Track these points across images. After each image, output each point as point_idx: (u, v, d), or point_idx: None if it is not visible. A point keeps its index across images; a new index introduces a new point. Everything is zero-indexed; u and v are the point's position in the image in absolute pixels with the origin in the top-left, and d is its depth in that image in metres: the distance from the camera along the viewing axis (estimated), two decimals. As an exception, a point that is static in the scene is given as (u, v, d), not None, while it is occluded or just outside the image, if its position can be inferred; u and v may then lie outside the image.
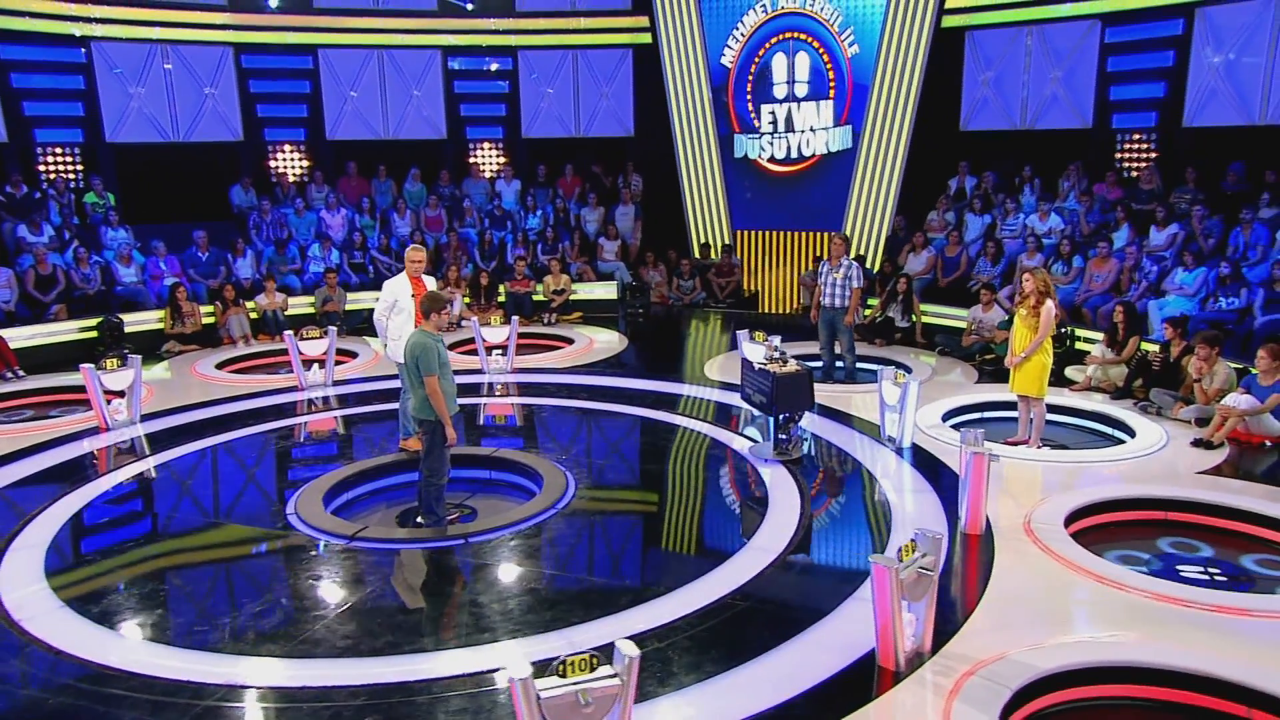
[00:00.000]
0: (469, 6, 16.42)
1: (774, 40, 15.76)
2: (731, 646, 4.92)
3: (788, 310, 16.58)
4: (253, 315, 13.13)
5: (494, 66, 16.81)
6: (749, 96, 16.14)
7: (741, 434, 8.68)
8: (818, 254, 15.83)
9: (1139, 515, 6.76)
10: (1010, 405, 9.28)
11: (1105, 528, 6.63)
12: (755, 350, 9.83)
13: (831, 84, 15.55)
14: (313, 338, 10.34)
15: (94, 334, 12.25)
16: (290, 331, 10.52)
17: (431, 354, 6.50)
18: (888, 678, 4.58)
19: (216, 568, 6.13)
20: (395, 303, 7.93)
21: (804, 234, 16.53)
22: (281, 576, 6.00)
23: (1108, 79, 13.52)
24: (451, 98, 16.92)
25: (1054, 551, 5.92)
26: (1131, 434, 8.44)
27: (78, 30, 14.37)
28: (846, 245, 10.70)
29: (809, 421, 8.58)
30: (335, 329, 10.64)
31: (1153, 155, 13.40)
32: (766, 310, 16.54)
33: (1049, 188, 13.96)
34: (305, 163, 16.69)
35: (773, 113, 16.05)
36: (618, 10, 16.81)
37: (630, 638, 4.96)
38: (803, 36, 15.60)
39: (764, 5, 15.70)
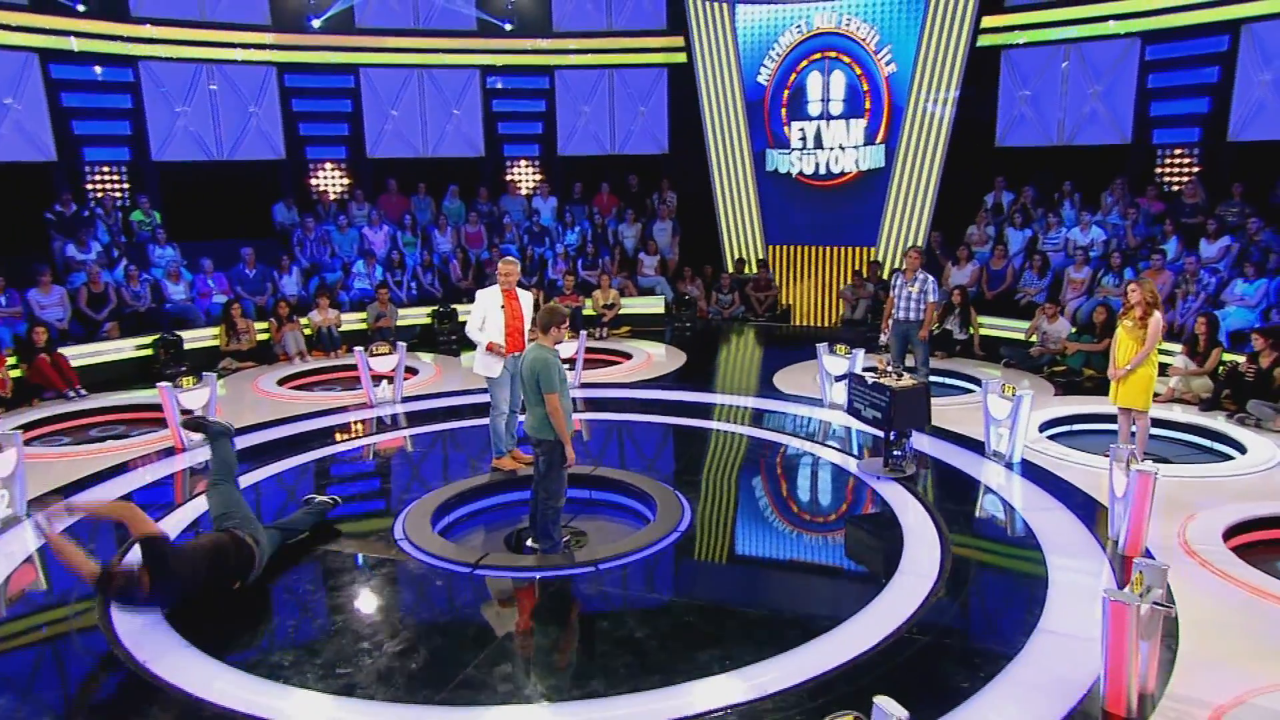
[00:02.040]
0: (508, 26, 15.83)
1: (811, 59, 15.26)
2: (933, 689, 4.31)
3: (823, 324, 16.05)
4: (306, 331, 12.43)
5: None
6: (784, 114, 15.63)
7: (826, 444, 8.11)
8: (856, 267, 15.37)
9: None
10: (1100, 418, 8.82)
11: (1256, 546, 6.06)
12: (837, 364, 9.29)
13: (868, 102, 15.07)
14: (382, 354, 9.67)
15: (149, 351, 11.51)
16: (361, 348, 9.83)
17: (553, 370, 5.88)
18: (1121, 724, 3.99)
19: (339, 600, 5.45)
20: (485, 317, 7.31)
21: (838, 249, 16.04)
22: (411, 609, 5.33)
23: (1148, 95, 13.10)
24: (490, 116, 16.33)
25: (1228, 574, 5.35)
26: (1234, 446, 7.92)
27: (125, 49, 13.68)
28: (922, 259, 10.17)
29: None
30: (404, 345, 9.95)
31: (1195, 170, 12.96)
32: (801, 324, 16.00)
33: (1088, 202, 13.50)
34: (346, 180, 16.03)
35: (802, 129, 15.57)
36: (653, 30, 16.27)
37: (819, 677, 4.40)
38: (838, 56, 15.11)
39: (800, 26, 15.21)
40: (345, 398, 10.25)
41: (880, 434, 7.36)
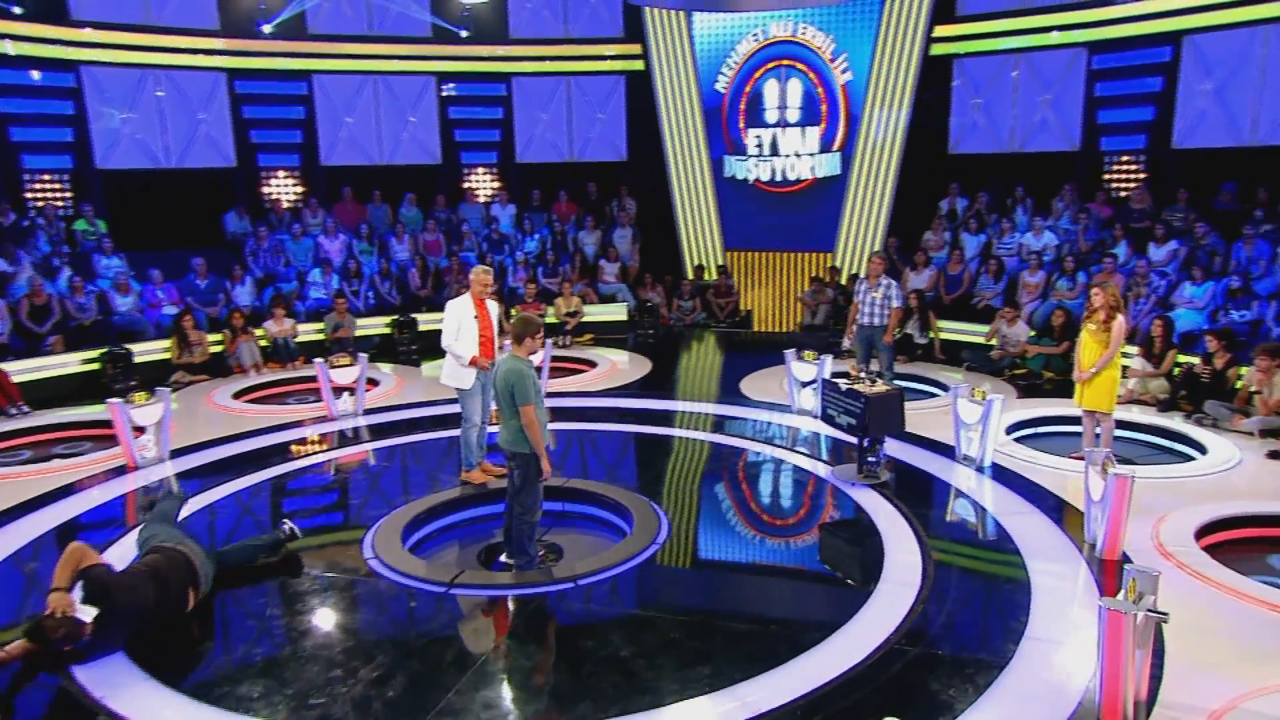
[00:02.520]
0: (463, 33, 15.56)
1: (767, 67, 15.26)
2: (929, 704, 4.20)
3: (783, 329, 16.04)
4: (262, 343, 12.01)
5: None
6: (741, 121, 15.61)
7: (796, 450, 8.03)
8: (815, 273, 15.38)
9: (1260, 532, 6.25)
10: (1064, 419, 8.88)
11: (1224, 546, 6.08)
12: (805, 369, 9.22)
13: (824, 109, 15.11)
14: (343, 365, 9.34)
15: (97, 365, 11.00)
16: (321, 359, 9.49)
17: (528, 382, 5.68)
18: (1118, 732, 3.92)
19: (308, 625, 5.17)
20: (460, 327, 7.08)
21: (796, 254, 16.06)
22: (385, 632, 5.07)
23: (1095, 103, 13.32)
24: (446, 123, 16.02)
25: (1204, 575, 5.36)
26: (1194, 446, 8.01)
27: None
28: (884, 264, 10.16)
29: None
30: (365, 356, 9.63)
31: (1141, 176, 13.21)
32: (761, 329, 15.96)
33: (1040, 207, 13.68)
34: (300, 188, 15.58)
35: (759, 137, 15.57)
36: (610, 38, 16.13)
37: (812, 693, 4.28)
38: (794, 64, 15.13)
39: (757, 34, 15.20)
40: (304, 411, 9.90)
41: (854, 441, 7.28)
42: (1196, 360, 9.07)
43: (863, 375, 7.24)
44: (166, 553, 5.23)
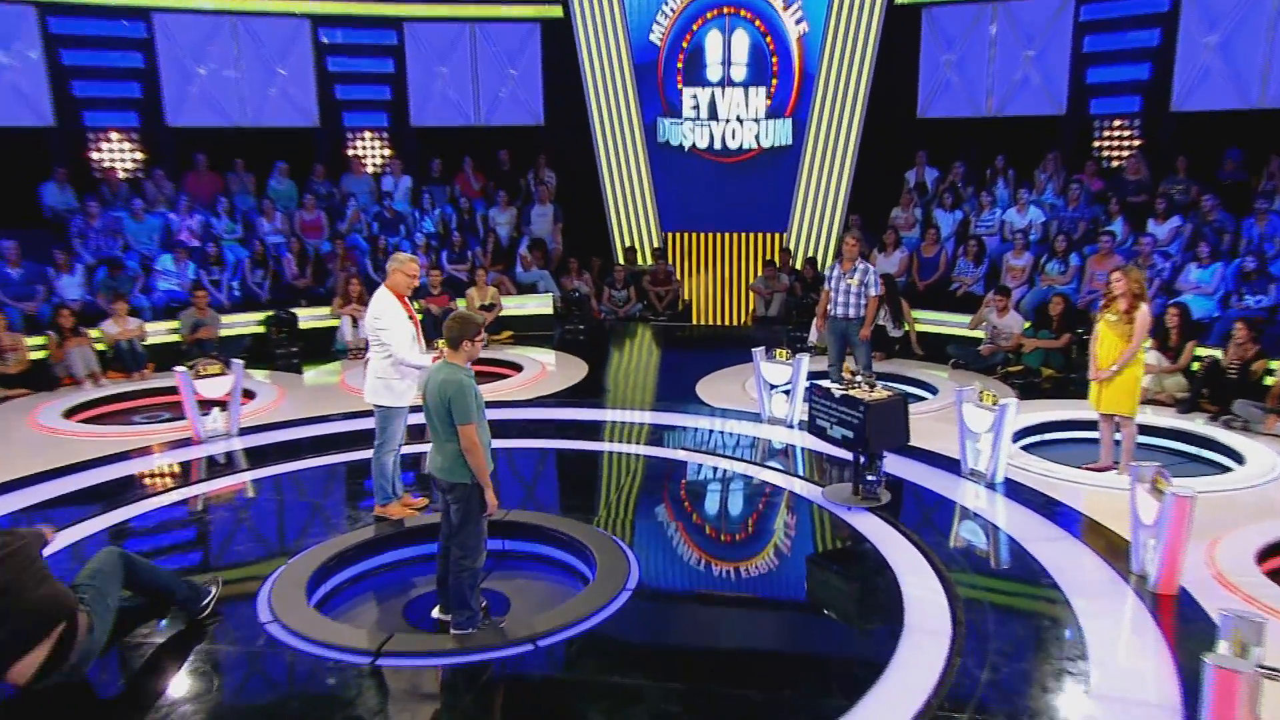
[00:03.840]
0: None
1: (709, 15, 15.04)
2: (997, 783, 3.95)
3: (729, 322, 15.88)
4: (99, 347, 11.13)
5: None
6: (679, 81, 15.35)
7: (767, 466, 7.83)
8: (768, 257, 15.25)
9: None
10: (1072, 425, 8.89)
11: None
12: (777, 371, 8.99)
13: (775, 67, 14.98)
14: (212, 374, 8.65)
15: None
16: (183, 366, 8.77)
17: (469, 395, 5.22)
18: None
19: (195, 712, 4.60)
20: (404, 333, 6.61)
21: (742, 236, 15.92)
22: (294, 724, 4.56)
23: (1084, 60, 13.53)
24: (325, 76, 15.31)
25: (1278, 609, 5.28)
26: (1226, 453, 8.08)
27: None
28: (861, 245, 10.02)
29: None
30: (240, 363, 8.95)
31: (1136, 143, 13.47)
32: (702, 322, 15.76)
33: (1023, 179, 13.82)
34: (139, 154, 14.63)
35: (695, 97, 15.35)
36: (523, -22, 15.68)
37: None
38: (741, 12, 14.95)
39: (697, -25, 14.98)
40: (159, 432, 9.17)
41: (849, 456, 7.06)
42: (1219, 353, 9.18)
43: (858, 379, 7.01)
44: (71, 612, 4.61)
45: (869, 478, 6.92)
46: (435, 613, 5.70)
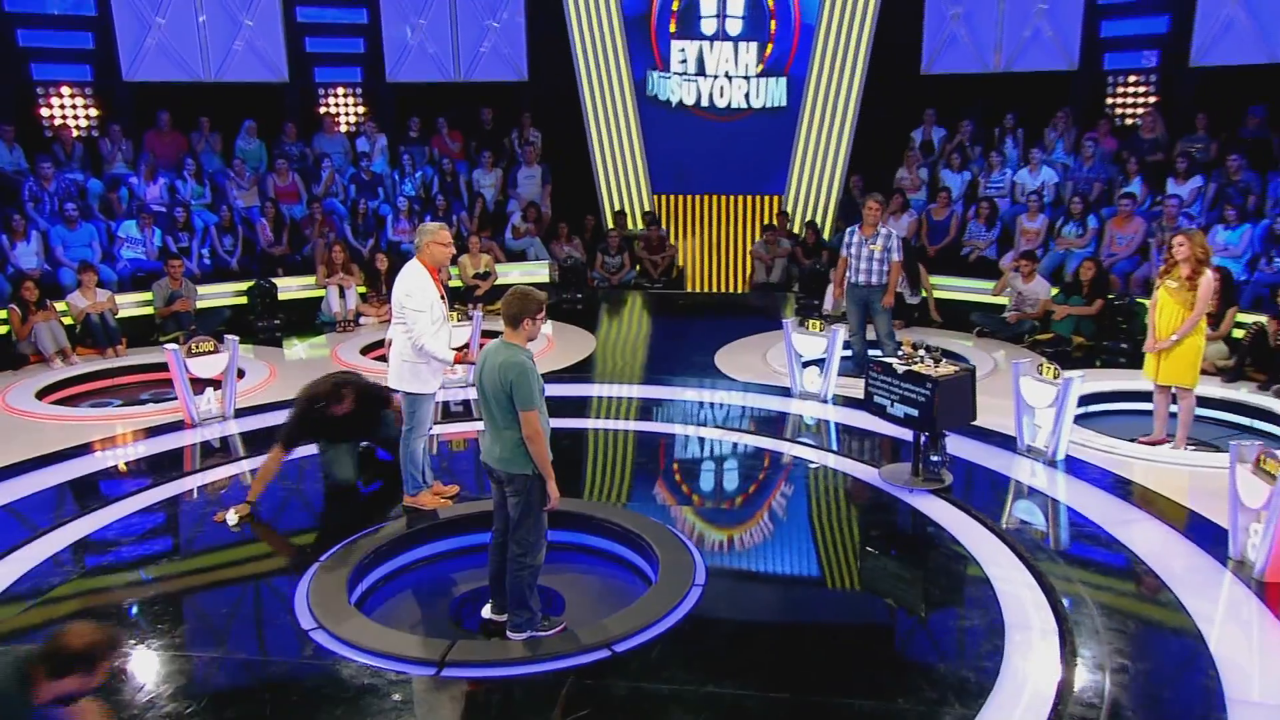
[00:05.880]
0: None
1: (705, -38, 14.55)
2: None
3: (726, 289, 15.56)
4: (66, 321, 10.49)
5: None
6: (672, 32, 14.87)
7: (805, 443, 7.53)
8: (767, 221, 14.91)
9: None
10: (1116, 396, 8.73)
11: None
12: (810, 343, 8.69)
13: (773, 22, 14.57)
14: (205, 351, 8.13)
15: None
16: (174, 344, 8.23)
17: (530, 379, 4.84)
18: None
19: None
20: (434, 312, 6.19)
21: (738, 198, 15.58)
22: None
23: (1098, 12, 13.30)
24: (293, 28, 14.59)
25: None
26: (1277, 422, 7.96)
27: None
28: (883, 209, 9.73)
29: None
30: (236, 339, 8.42)
31: (1152, 100, 13.29)
32: (696, 289, 15.42)
33: (1033, 138, 13.59)
34: (94, 111, 13.84)
35: (683, 50, 14.91)
36: (504, -79, 15.05)
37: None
38: (738, -42, 14.49)
39: (691, -80, 14.47)
40: (145, 415, 8.65)
41: (910, 435, 6.78)
42: (1262, 319, 9.04)
43: (921, 353, 6.73)
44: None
45: (933, 458, 6.65)
46: (486, 611, 5.36)
